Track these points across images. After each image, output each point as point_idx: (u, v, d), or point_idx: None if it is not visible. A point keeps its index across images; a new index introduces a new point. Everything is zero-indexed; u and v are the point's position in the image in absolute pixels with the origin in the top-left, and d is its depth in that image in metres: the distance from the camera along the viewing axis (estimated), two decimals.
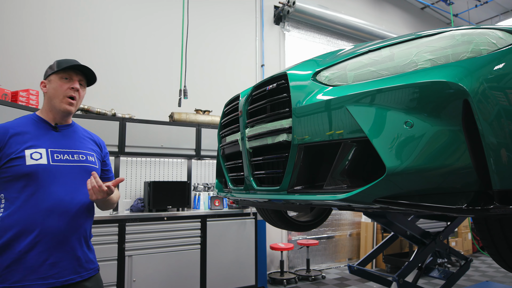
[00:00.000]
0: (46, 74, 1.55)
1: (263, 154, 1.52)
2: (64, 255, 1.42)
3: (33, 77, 3.79)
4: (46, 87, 1.53)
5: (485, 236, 1.77)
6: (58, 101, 1.51)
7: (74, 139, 1.59)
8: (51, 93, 1.51)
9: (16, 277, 1.32)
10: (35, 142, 1.45)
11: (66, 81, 1.52)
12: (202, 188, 4.46)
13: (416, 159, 0.98)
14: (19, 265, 1.34)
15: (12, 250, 1.34)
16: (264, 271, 4.27)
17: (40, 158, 1.42)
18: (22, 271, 1.33)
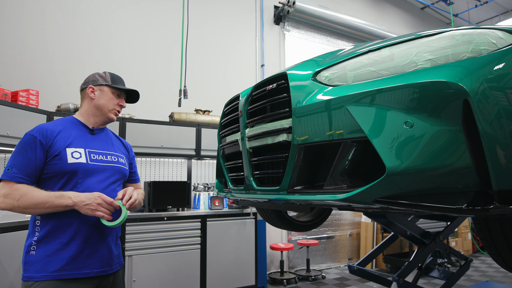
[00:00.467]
0: (96, 81, 1.67)
1: (263, 154, 1.52)
2: (99, 247, 1.52)
3: (33, 77, 3.80)
4: (95, 94, 1.65)
5: (485, 236, 1.77)
6: (107, 111, 1.67)
7: (107, 142, 1.72)
8: (102, 103, 1.66)
9: (54, 267, 1.41)
10: (75, 142, 1.56)
11: (117, 97, 1.70)
12: (202, 188, 4.46)
13: (416, 159, 0.98)
14: (58, 255, 1.42)
15: (54, 241, 1.44)
16: (264, 271, 4.27)
17: (80, 157, 1.53)
18: (60, 262, 1.42)
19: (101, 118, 1.68)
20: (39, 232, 1.45)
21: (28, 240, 1.47)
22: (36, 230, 1.46)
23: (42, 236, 1.44)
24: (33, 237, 1.45)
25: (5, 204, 1.39)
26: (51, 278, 1.40)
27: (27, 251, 1.44)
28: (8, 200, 1.39)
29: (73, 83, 4.00)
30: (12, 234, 2.77)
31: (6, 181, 1.41)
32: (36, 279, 1.39)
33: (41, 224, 1.46)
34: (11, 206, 1.39)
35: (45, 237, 1.44)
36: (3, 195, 1.39)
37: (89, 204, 1.42)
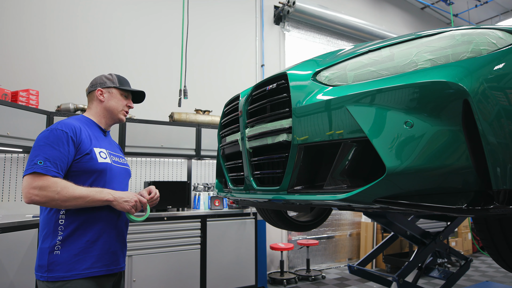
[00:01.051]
0: (104, 84, 1.70)
1: (263, 154, 1.52)
2: (120, 245, 1.59)
3: (33, 77, 3.80)
4: (104, 96, 1.69)
5: (485, 236, 1.77)
6: (117, 112, 1.71)
7: (113, 144, 1.77)
8: (111, 104, 1.70)
9: (85, 265, 1.44)
10: (99, 142, 1.61)
11: (125, 98, 1.76)
12: (202, 188, 4.46)
13: (416, 159, 0.98)
14: (87, 253, 1.45)
15: (81, 239, 1.45)
16: (264, 271, 4.27)
17: (106, 158, 1.58)
18: (90, 259, 1.45)
19: (112, 120, 1.73)
20: (64, 231, 1.44)
21: (48, 241, 1.44)
22: (60, 229, 1.45)
23: (67, 236, 1.44)
24: (55, 237, 1.44)
25: (41, 196, 1.35)
26: (83, 276, 1.42)
27: (50, 251, 1.42)
28: (46, 192, 1.35)
29: (73, 83, 4.01)
30: (12, 234, 2.77)
31: (40, 174, 1.37)
32: (67, 278, 1.40)
33: (65, 223, 1.45)
34: (49, 199, 1.36)
35: (71, 236, 1.44)
36: (38, 187, 1.35)
37: (128, 201, 1.51)
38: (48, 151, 1.41)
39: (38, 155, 1.39)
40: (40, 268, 1.42)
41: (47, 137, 1.44)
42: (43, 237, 1.46)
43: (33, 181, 1.36)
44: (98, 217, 1.51)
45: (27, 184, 1.36)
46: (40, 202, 1.37)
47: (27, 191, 1.36)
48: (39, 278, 1.42)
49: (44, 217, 1.49)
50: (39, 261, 1.44)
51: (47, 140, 1.43)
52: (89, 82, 3.96)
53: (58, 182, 1.38)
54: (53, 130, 1.46)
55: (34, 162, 1.37)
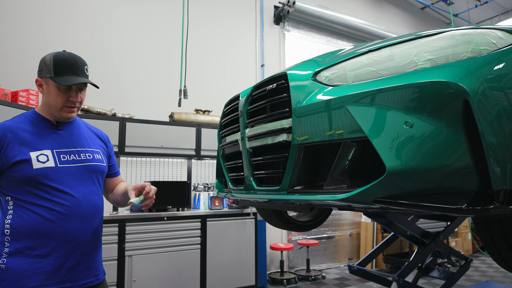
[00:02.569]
0: (41, 72, 1.40)
1: (263, 154, 1.52)
2: (81, 258, 1.37)
3: (33, 77, 3.77)
4: (43, 88, 1.40)
5: (485, 236, 1.77)
6: (56, 110, 1.40)
7: (78, 137, 1.49)
8: (49, 100, 1.39)
9: (33, 283, 1.25)
10: (39, 143, 1.36)
11: (65, 92, 1.38)
12: (202, 188, 4.46)
13: (416, 159, 0.98)
14: (36, 269, 1.27)
15: (28, 255, 1.27)
16: (264, 271, 4.27)
17: (47, 161, 1.34)
18: (39, 276, 1.27)
19: (55, 116, 1.42)
20: (10, 244, 1.27)
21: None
22: (6, 240, 1.27)
23: (14, 249, 1.26)
24: (2, 248, 1.27)
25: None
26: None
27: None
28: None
29: None
30: None
31: None
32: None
33: (11, 234, 1.27)
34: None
35: (19, 250, 1.26)
36: None
37: None
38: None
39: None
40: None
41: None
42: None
43: None
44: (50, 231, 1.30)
45: None
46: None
47: None
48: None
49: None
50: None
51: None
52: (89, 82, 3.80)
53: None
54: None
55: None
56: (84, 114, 3.76)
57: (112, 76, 4.26)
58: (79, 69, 1.44)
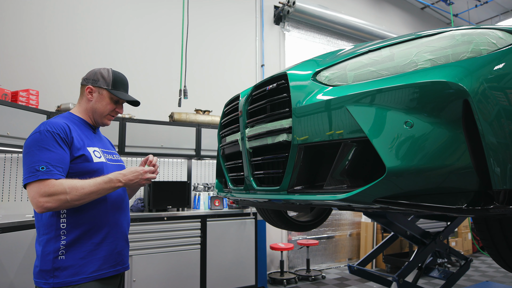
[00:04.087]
0: (97, 82, 1.57)
1: (263, 154, 1.52)
2: (124, 244, 1.56)
3: (33, 77, 3.80)
4: (93, 96, 1.57)
5: (485, 236, 1.77)
6: (100, 117, 1.60)
7: (105, 140, 1.70)
8: (98, 107, 1.58)
9: (92, 268, 1.40)
10: (90, 141, 1.53)
11: (115, 103, 1.61)
12: (202, 188, 4.46)
13: (416, 159, 0.98)
14: (94, 255, 1.42)
15: (87, 242, 1.41)
16: (264, 271, 4.27)
17: (100, 157, 1.52)
18: (97, 262, 1.42)
19: (96, 121, 1.62)
20: (67, 235, 1.39)
21: (50, 245, 1.37)
22: (62, 233, 1.39)
23: (72, 239, 1.39)
24: (58, 240, 1.38)
25: (53, 202, 1.30)
26: (91, 280, 1.39)
27: (55, 256, 1.36)
28: (56, 197, 1.30)
29: (73, 83, 4.00)
30: (12, 234, 2.77)
31: (44, 180, 1.30)
32: (75, 282, 1.36)
33: (67, 227, 1.39)
34: (61, 203, 1.31)
35: (76, 239, 1.39)
36: (47, 194, 1.29)
37: (138, 181, 1.49)
38: (46, 154, 1.34)
39: (37, 160, 1.33)
40: (44, 274, 1.35)
41: (39, 140, 1.36)
42: (45, 241, 1.39)
43: (40, 188, 1.30)
44: (105, 220, 1.47)
45: (35, 193, 1.30)
46: (53, 207, 1.32)
47: (37, 200, 1.30)
48: (41, 286, 1.35)
49: (43, 220, 1.41)
50: (41, 266, 1.36)
51: (41, 143, 1.36)
52: None
53: (64, 184, 1.33)
54: (43, 132, 1.38)
55: (36, 168, 1.31)
56: None
57: None
58: (128, 88, 1.69)
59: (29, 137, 1.40)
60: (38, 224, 1.44)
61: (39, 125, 1.43)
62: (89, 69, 1.73)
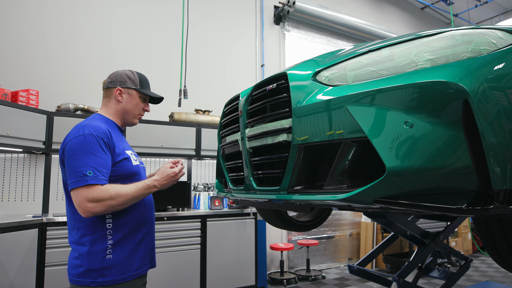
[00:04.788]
0: (125, 83, 1.60)
1: (263, 154, 1.52)
2: (154, 241, 1.65)
3: (33, 77, 3.80)
4: (123, 97, 1.61)
5: (485, 236, 1.77)
6: (132, 117, 1.65)
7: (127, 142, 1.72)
8: (128, 107, 1.62)
9: (135, 266, 1.48)
10: (124, 144, 1.60)
11: (143, 101, 1.66)
12: (202, 188, 4.46)
13: (416, 159, 0.98)
14: (136, 254, 1.49)
15: (130, 242, 1.48)
16: (264, 271, 4.27)
17: (136, 160, 1.60)
18: (138, 260, 1.49)
19: (126, 122, 1.66)
20: (113, 235, 1.44)
21: (98, 245, 1.41)
22: (108, 233, 1.43)
23: (118, 239, 1.44)
24: (104, 240, 1.42)
25: (100, 207, 1.33)
26: (134, 277, 1.47)
27: (103, 255, 1.40)
28: (103, 202, 1.34)
29: (73, 83, 4.00)
30: (12, 234, 2.77)
31: (92, 185, 1.33)
32: (121, 280, 1.42)
33: (113, 227, 1.44)
34: (107, 207, 1.35)
35: (121, 239, 1.45)
36: (94, 199, 1.32)
37: (170, 182, 1.56)
38: (92, 159, 1.36)
39: (84, 165, 1.34)
40: (91, 273, 1.38)
41: (84, 144, 1.37)
42: (91, 241, 1.41)
43: (88, 193, 1.32)
44: (144, 219, 1.55)
45: (82, 198, 1.32)
46: (99, 212, 1.35)
47: (85, 205, 1.32)
48: (89, 284, 1.37)
49: (86, 221, 1.43)
50: (89, 265, 1.38)
51: (86, 147, 1.37)
52: (89, 82, 3.97)
53: (110, 190, 1.36)
54: (87, 136, 1.39)
55: (83, 173, 1.33)
56: (84, 114, 3.76)
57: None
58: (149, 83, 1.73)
59: (71, 139, 1.40)
60: (78, 224, 1.44)
61: (78, 127, 1.44)
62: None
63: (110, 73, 1.67)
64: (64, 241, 3.10)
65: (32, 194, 3.58)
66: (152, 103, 1.75)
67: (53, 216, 3.18)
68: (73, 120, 3.59)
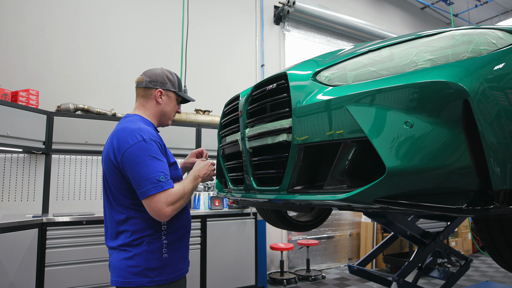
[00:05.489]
0: (165, 85, 1.60)
1: (263, 154, 1.52)
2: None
3: (33, 77, 3.80)
4: (163, 99, 1.60)
5: (485, 236, 1.77)
6: (168, 118, 1.65)
7: None
8: (166, 109, 1.62)
9: (183, 264, 1.53)
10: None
11: (178, 103, 1.68)
12: (202, 188, 4.46)
13: (416, 159, 0.98)
14: (183, 253, 1.54)
15: (180, 240, 1.52)
16: (264, 271, 4.27)
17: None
18: (185, 258, 1.55)
19: (162, 123, 1.66)
20: (168, 235, 1.47)
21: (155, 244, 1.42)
22: (163, 234, 1.46)
23: (172, 239, 1.48)
24: (160, 240, 1.44)
25: (176, 209, 1.38)
26: (182, 276, 1.52)
27: (160, 254, 1.42)
28: (178, 204, 1.39)
29: (73, 83, 4.00)
30: (12, 234, 2.77)
31: (166, 191, 1.35)
32: (174, 279, 1.46)
33: (167, 228, 1.47)
34: (180, 207, 1.41)
35: (175, 239, 1.49)
36: (171, 202, 1.36)
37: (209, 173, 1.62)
38: (159, 164, 1.37)
39: (154, 171, 1.35)
40: (149, 272, 1.38)
41: (147, 149, 1.37)
42: (148, 241, 1.41)
43: (166, 198, 1.34)
44: (185, 218, 1.57)
45: (161, 203, 1.33)
46: (174, 214, 1.40)
47: (164, 210, 1.34)
48: (144, 284, 1.37)
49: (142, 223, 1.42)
50: (147, 264, 1.39)
51: (150, 153, 1.37)
52: (89, 82, 3.97)
53: (179, 189, 1.41)
54: (148, 141, 1.38)
55: (157, 179, 1.34)
56: (84, 114, 3.76)
57: (112, 76, 4.26)
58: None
59: (132, 145, 1.37)
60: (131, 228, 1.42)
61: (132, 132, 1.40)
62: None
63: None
64: (64, 241, 3.10)
65: (32, 194, 3.58)
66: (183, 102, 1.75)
67: (53, 216, 3.17)
68: (73, 120, 3.59)
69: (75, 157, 3.85)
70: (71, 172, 3.82)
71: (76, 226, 3.17)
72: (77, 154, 3.81)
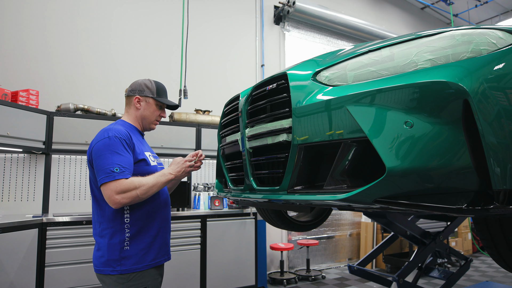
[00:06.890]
0: (143, 92, 1.78)
1: (263, 154, 1.52)
2: (169, 237, 1.79)
3: (33, 77, 3.80)
4: (141, 104, 1.78)
5: (485, 236, 1.77)
6: (149, 122, 1.82)
7: (148, 145, 1.90)
8: (146, 114, 1.80)
9: (151, 257, 1.63)
10: (143, 146, 1.76)
11: (159, 109, 1.84)
12: (202, 188, 4.46)
13: (416, 159, 0.98)
14: (152, 246, 1.64)
15: (146, 235, 1.63)
16: (264, 271, 4.27)
17: (153, 161, 1.77)
18: (154, 251, 1.64)
19: (145, 127, 1.84)
20: (130, 228, 1.59)
21: (117, 237, 1.57)
22: (126, 227, 1.59)
23: (135, 232, 1.60)
24: (123, 233, 1.58)
25: (127, 198, 1.50)
26: (150, 267, 1.61)
27: (121, 247, 1.56)
28: (129, 193, 1.50)
29: (73, 83, 4.00)
30: (12, 234, 2.77)
31: (118, 180, 1.50)
32: (138, 269, 1.57)
33: (130, 221, 1.60)
34: (133, 197, 1.51)
35: (138, 232, 1.60)
36: (121, 191, 1.49)
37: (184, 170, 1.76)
38: (117, 157, 1.53)
39: (111, 163, 1.52)
40: (111, 263, 1.55)
41: (109, 145, 1.55)
42: (110, 234, 1.57)
43: (116, 187, 1.49)
44: (158, 215, 1.69)
45: (111, 191, 1.49)
46: (127, 203, 1.52)
47: (114, 197, 1.49)
48: (109, 273, 1.54)
49: (107, 216, 1.59)
50: (108, 256, 1.55)
51: (111, 148, 1.54)
52: (89, 82, 3.99)
53: (134, 181, 1.53)
54: (112, 138, 1.56)
55: (111, 169, 1.50)
56: (84, 114, 3.76)
57: (112, 76, 4.25)
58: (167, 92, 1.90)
59: (98, 142, 1.58)
60: (101, 219, 1.62)
61: (103, 131, 1.61)
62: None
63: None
64: (64, 241, 3.11)
65: (32, 194, 3.58)
66: (169, 109, 1.91)
67: (53, 216, 3.18)
68: (73, 120, 3.59)
69: (75, 157, 3.85)
70: (71, 172, 3.82)
71: (76, 226, 3.17)
72: (77, 154, 3.81)
